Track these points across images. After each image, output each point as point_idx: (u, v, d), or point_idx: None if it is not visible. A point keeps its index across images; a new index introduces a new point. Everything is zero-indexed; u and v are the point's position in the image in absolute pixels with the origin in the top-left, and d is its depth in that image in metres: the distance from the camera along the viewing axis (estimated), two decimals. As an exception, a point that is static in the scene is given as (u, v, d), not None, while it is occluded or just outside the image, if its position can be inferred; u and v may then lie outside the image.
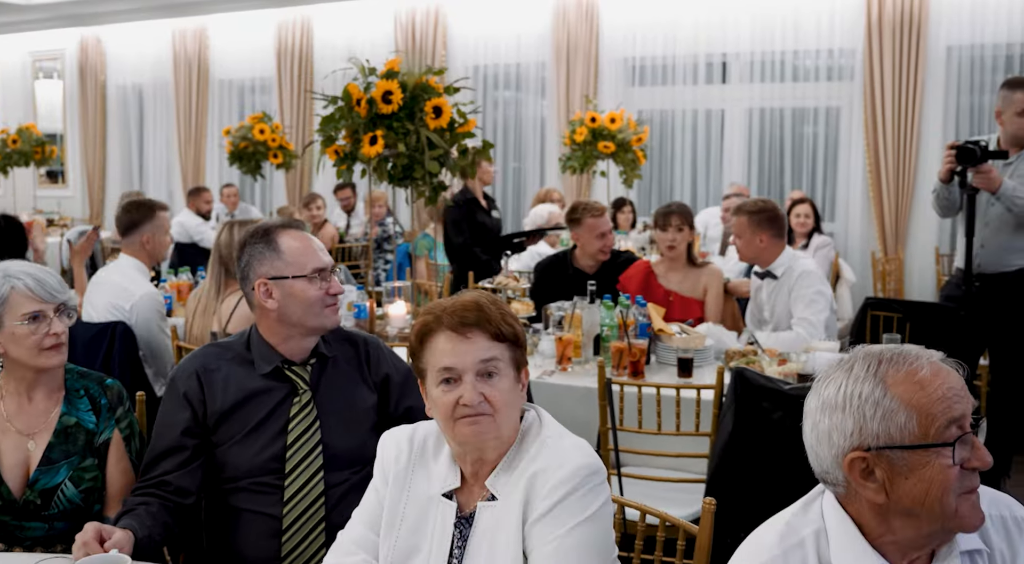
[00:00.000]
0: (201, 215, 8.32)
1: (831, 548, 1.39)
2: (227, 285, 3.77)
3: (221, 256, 3.69)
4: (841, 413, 1.34)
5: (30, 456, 2.23)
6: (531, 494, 1.64)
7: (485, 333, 1.69)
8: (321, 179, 9.99)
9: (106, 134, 12.36)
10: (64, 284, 2.29)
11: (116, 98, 12.30)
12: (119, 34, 12.16)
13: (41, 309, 2.20)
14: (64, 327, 2.23)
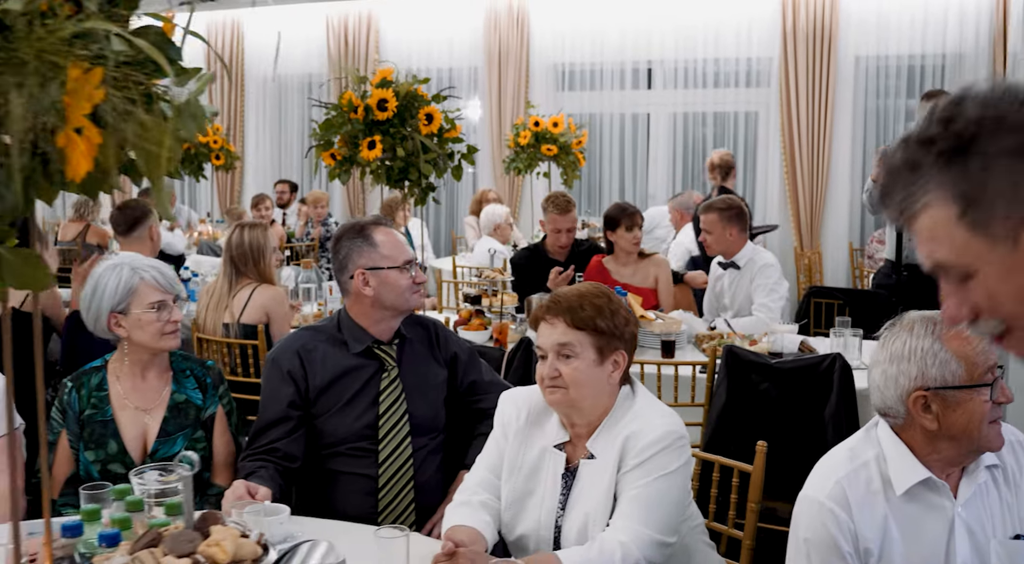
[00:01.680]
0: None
1: (889, 466, 1.81)
2: (239, 281, 4.02)
3: (232, 255, 3.95)
4: (907, 362, 1.75)
5: (147, 429, 2.49)
6: (624, 453, 2.02)
7: (565, 322, 2.06)
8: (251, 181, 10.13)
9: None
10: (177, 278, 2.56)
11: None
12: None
13: (163, 298, 2.47)
14: (180, 315, 2.50)
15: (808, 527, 1.79)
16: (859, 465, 1.83)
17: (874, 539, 1.77)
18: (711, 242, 4.73)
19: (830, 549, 1.76)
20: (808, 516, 1.81)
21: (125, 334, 2.48)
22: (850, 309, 4.95)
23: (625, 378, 2.11)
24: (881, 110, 8.85)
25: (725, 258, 4.76)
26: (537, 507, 2.08)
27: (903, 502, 1.79)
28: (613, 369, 2.06)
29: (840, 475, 1.81)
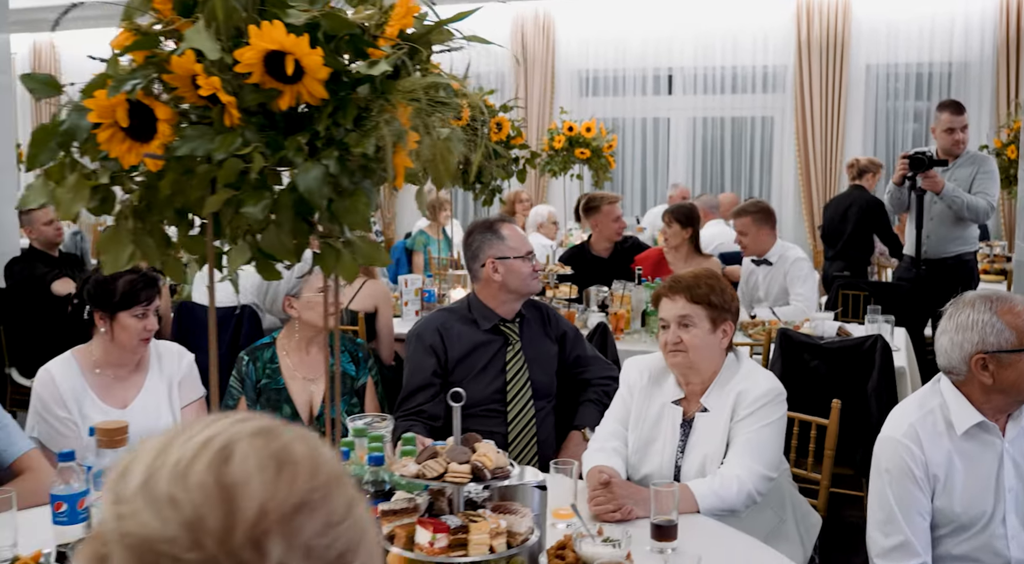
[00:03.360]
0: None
1: (951, 411, 2.27)
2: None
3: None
4: (970, 331, 2.22)
5: (313, 396, 2.97)
6: (736, 406, 2.50)
7: (685, 296, 2.54)
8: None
9: (61, 138, 12.56)
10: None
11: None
12: (74, 41, 12.38)
13: (329, 283, 2.93)
14: (341, 297, 2.97)
15: (888, 460, 2.27)
16: (927, 411, 2.30)
17: (940, 468, 2.24)
18: (747, 243, 5.21)
19: (906, 476, 2.23)
20: (888, 451, 2.28)
21: (296, 314, 2.95)
22: (875, 299, 5.44)
23: (729, 346, 2.58)
24: (891, 115, 9.35)
25: (758, 256, 5.25)
26: (659, 452, 2.56)
27: (962, 440, 2.26)
28: (723, 337, 2.54)
29: (913, 419, 2.29)
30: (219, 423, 0.80)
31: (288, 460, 0.78)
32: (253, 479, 0.75)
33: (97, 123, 1.52)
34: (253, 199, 1.46)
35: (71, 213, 1.57)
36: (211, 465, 0.76)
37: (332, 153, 1.47)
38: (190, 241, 1.66)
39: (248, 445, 0.78)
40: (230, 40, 1.48)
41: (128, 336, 2.75)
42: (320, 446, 0.82)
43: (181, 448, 0.78)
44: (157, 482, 0.76)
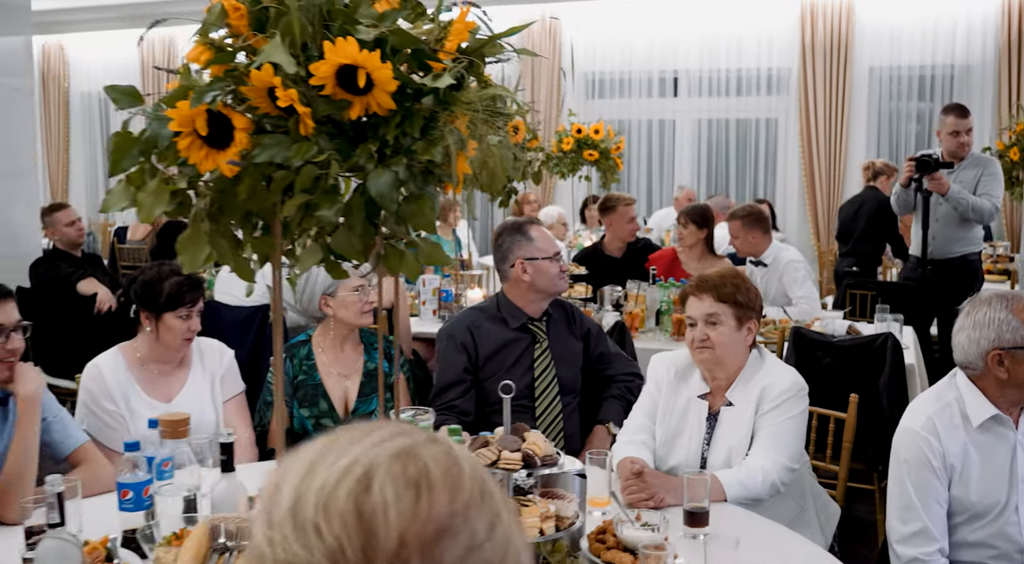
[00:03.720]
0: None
1: (967, 405, 2.38)
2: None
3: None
4: (987, 328, 2.33)
5: (348, 392, 3.07)
6: (761, 399, 2.60)
7: (711, 296, 2.65)
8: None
9: (69, 141, 12.67)
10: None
11: (80, 105, 12.62)
12: (82, 42, 12.49)
13: (362, 283, 3.05)
14: (375, 296, 3.08)
15: (907, 450, 2.38)
16: (944, 404, 2.41)
17: (957, 458, 2.35)
18: (739, 245, 5.34)
19: (924, 466, 2.34)
20: (906, 443, 2.39)
21: (332, 312, 3.06)
22: (882, 299, 5.55)
23: (753, 343, 2.69)
24: (894, 117, 9.46)
25: (754, 258, 5.36)
26: (685, 445, 2.66)
27: (977, 432, 2.37)
28: (747, 334, 2.65)
29: (930, 412, 2.40)
30: (362, 443, 0.80)
31: (427, 485, 0.77)
32: (392, 508, 0.75)
33: (177, 132, 1.63)
34: (327, 203, 1.57)
35: (152, 216, 1.68)
36: (351, 493, 0.76)
37: (401, 160, 1.58)
38: (258, 242, 1.77)
39: (386, 472, 0.78)
40: (304, 54, 1.59)
41: (172, 336, 2.86)
42: (461, 462, 0.81)
43: (326, 472, 0.79)
44: (304, 508, 0.77)
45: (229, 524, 1.80)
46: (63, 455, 2.52)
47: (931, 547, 2.30)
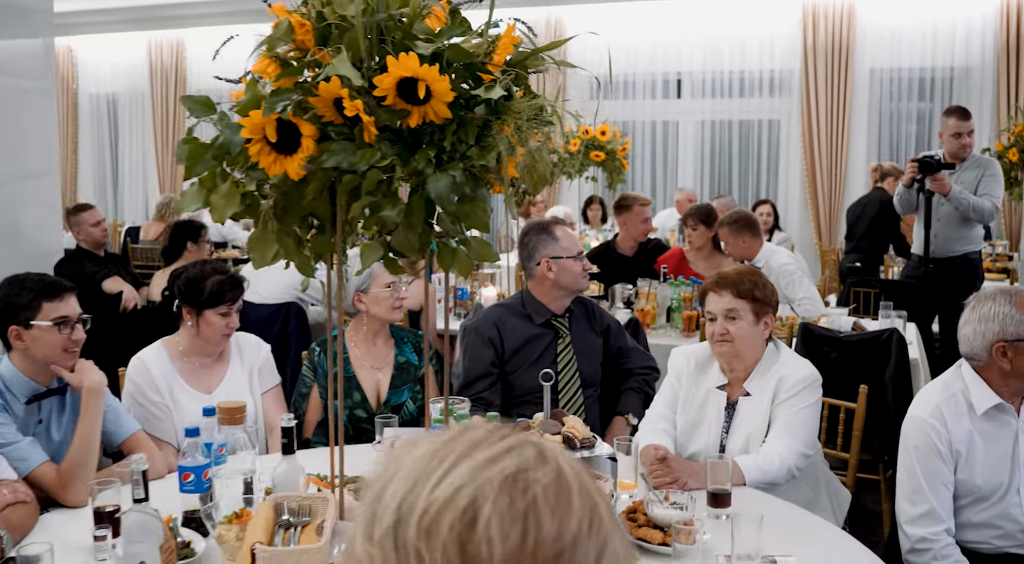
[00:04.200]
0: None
1: (971, 394, 2.52)
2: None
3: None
4: (992, 322, 2.47)
5: (380, 383, 3.21)
6: (777, 390, 2.75)
7: (731, 291, 2.79)
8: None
9: (78, 142, 12.79)
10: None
11: (88, 107, 12.74)
12: (91, 44, 12.61)
13: (394, 281, 3.19)
14: (406, 293, 3.22)
15: (915, 437, 2.52)
16: (950, 394, 2.56)
17: (962, 444, 2.50)
18: (730, 250, 5.48)
19: (932, 451, 2.49)
20: (915, 430, 2.53)
21: (364, 308, 3.20)
22: (885, 296, 5.70)
23: (769, 337, 2.84)
24: (894, 118, 9.61)
25: (748, 261, 5.51)
26: (705, 433, 2.81)
27: (982, 420, 2.51)
28: (764, 328, 2.79)
29: (937, 400, 2.54)
30: (469, 462, 0.77)
31: (535, 520, 0.74)
32: (497, 545, 0.72)
33: (248, 138, 1.77)
34: (390, 204, 1.71)
35: (224, 216, 1.82)
36: (455, 525, 0.73)
37: (457, 165, 1.73)
38: (316, 241, 1.91)
39: (493, 504, 0.74)
40: (368, 68, 1.73)
41: (212, 331, 3.00)
42: (571, 486, 0.77)
43: (430, 496, 0.76)
44: (406, 530, 0.75)
45: (291, 502, 1.94)
46: (117, 443, 2.66)
47: (938, 527, 2.45)
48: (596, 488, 0.79)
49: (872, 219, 7.01)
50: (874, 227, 7.06)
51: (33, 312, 2.48)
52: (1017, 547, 2.50)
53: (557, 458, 0.79)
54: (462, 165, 1.73)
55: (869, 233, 7.04)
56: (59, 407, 2.63)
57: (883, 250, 7.22)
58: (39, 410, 2.57)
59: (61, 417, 2.62)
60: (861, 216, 7.18)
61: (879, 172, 7.36)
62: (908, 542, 2.47)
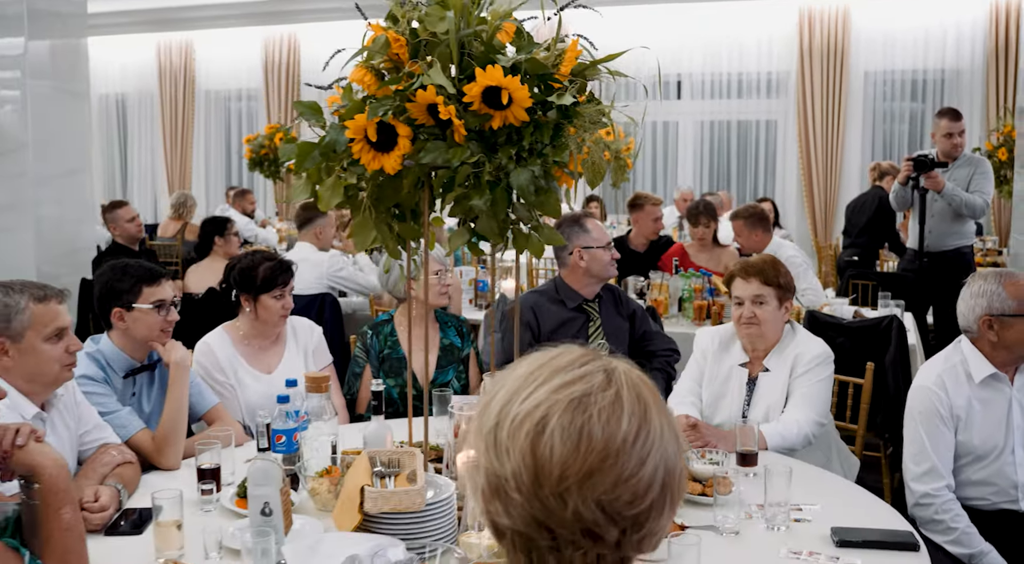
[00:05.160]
0: (246, 215, 9.37)
1: (969, 365, 2.82)
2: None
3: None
4: (981, 298, 2.77)
5: (428, 364, 3.49)
6: (795, 365, 3.04)
7: (758, 279, 3.08)
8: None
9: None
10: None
11: (98, 107, 12.95)
12: (101, 45, 12.81)
13: (440, 268, 3.47)
14: (449, 280, 3.51)
15: (920, 403, 2.81)
16: (951, 365, 2.85)
17: (962, 410, 2.79)
18: (742, 243, 5.79)
19: (935, 415, 2.78)
20: (919, 397, 2.83)
21: (414, 293, 3.48)
22: (883, 288, 6.01)
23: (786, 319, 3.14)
24: (887, 118, 9.96)
25: (757, 254, 5.81)
26: (728, 406, 3.11)
27: (979, 388, 2.81)
28: (785, 312, 3.09)
29: (939, 371, 2.84)
30: (549, 385, 1.04)
31: (587, 434, 1.00)
32: (556, 450, 1.00)
33: (351, 138, 2.06)
34: (478, 195, 2.00)
35: (330, 205, 2.10)
36: (529, 434, 1.01)
37: (536, 161, 2.02)
38: (404, 228, 2.20)
39: (558, 420, 1.01)
40: (457, 78, 2.02)
41: (269, 314, 3.28)
42: (623, 407, 1.02)
43: (518, 407, 1.03)
44: (501, 431, 1.03)
45: (382, 456, 2.23)
46: (199, 414, 2.94)
47: (939, 483, 2.74)
48: (654, 409, 1.05)
49: (870, 216, 7.34)
50: (871, 224, 7.38)
51: (134, 296, 2.76)
52: (1010, 503, 2.79)
53: (621, 384, 1.05)
54: (539, 161, 2.02)
55: (867, 229, 7.36)
56: (148, 381, 2.91)
57: (879, 246, 7.54)
58: (133, 384, 2.85)
59: (150, 390, 2.90)
60: (859, 213, 7.50)
61: (878, 171, 7.69)
62: (913, 497, 2.76)
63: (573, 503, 1.00)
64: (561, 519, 1.02)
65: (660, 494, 1.05)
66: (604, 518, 1.02)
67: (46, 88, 5.98)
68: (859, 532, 2.18)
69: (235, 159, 12.60)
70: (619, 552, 1.05)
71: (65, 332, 2.36)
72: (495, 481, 1.05)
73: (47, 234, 5.88)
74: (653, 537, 1.07)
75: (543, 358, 1.11)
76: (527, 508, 1.03)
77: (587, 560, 1.04)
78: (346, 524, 2.06)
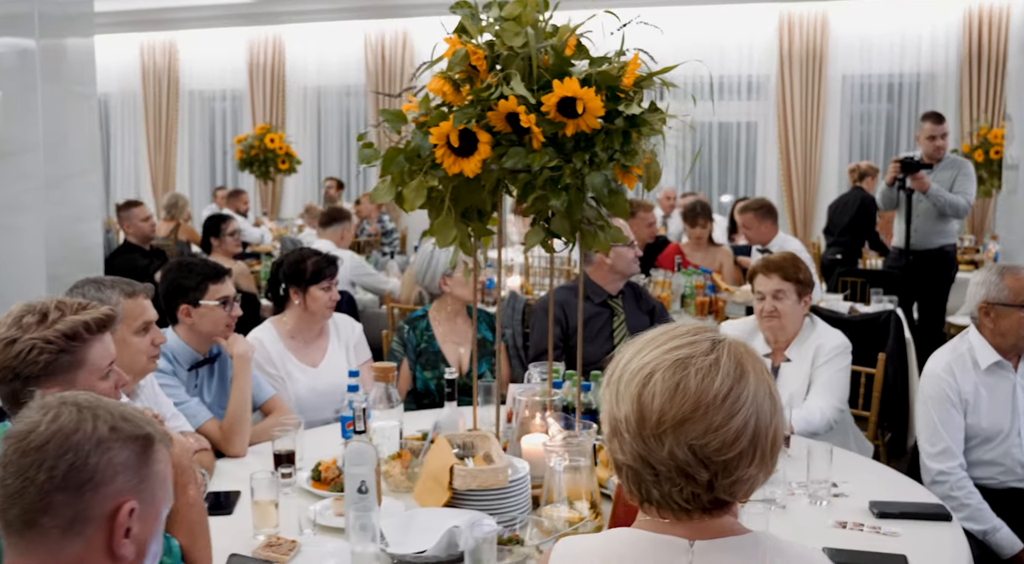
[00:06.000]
0: (240, 214, 9.45)
1: (976, 353, 3.04)
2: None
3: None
4: (982, 286, 3.00)
5: (462, 357, 3.67)
6: (816, 355, 3.25)
7: (779, 275, 3.29)
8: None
9: (69, 140, 12.97)
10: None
11: (80, 106, 12.91)
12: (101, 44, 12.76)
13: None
14: (480, 277, 3.68)
15: (931, 389, 3.03)
16: (958, 354, 3.08)
17: (970, 395, 3.02)
18: (751, 235, 6.02)
19: (945, 399, 3.00)
20: (930, 383, 3.05)
21: (449, 290, 3.66)
22: (871, 284, 6.27)
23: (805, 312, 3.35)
24: (864, 121, 10.28)
25: (762, 246, 6.06)
26: (752, 393, 3.31)
27: (985, 374, 3.04)
28: (804, 306, 3.30)
29: (948, 359, 3.07)
30: (661, 348, 1.29)
31: (683, 389, 1.24)
32: (656, 399, 1.24)
33: (434, 144, 2.22)
34: (555, 196, 2.18)
35: (415, 206, 2.27)
36: (638, 384, 1.26)
37: (608, 165, 2.20)
38: (477, 227, 2.38)
39: (661, 375, 1.25)
40: (534, 88, 2.20)
41: (318, 305, 3.43)
42: (718, 371, 1.24)
43: (636, 363, 1.29)
44: (621, 381, 1.30)
45: (457, 439, 2.40)
46: (257, 404, 3.09)
47: (953, 462, 2.96)
48: (752, 375, 1.28)
49: (852, 216, 7.61)
50: (853, 223, 7.66)
51: (201, 293, 2.90)
52: (1018, 481, 3.02)
53: (723, 352, 1.28)
54: (611, 165, 2.20)
55: (849, 229, 7.63)
56: (209, 374, 3.05)
57: (861, 244, 7.82)
58: (196, 376, 3.00)
59: (211, 382, 3.05)
60: (841, 213, 7.77)
61: (857, 172, 7.98)
62: (929, 475, 2.98)
63: (668, 445, 1.23)
64: (659, 458, 1.24)
65: (749, 446, 1.25)
66: (695, 460, 1.23)
67: (57, 90, 6.04)
68: (896, 505, 2.39)
69: (219, 159, 12.66)
70: (712, 493, 1.26)
71: (151, 325, 2.51)
72: (614, 423, 1.30)
73: (57, 234, 5.94)
74: (744, 484, 1.28)
75: (666, 328, 1.36)
76: (634, 446, 1.27)
77: (683, 496, 1.26)
78: (431, 501, 2.23)
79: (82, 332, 1.85)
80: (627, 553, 1.31)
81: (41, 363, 1.80)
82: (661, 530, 1.30)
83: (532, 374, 3.02)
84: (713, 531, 1.30)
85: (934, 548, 2.17)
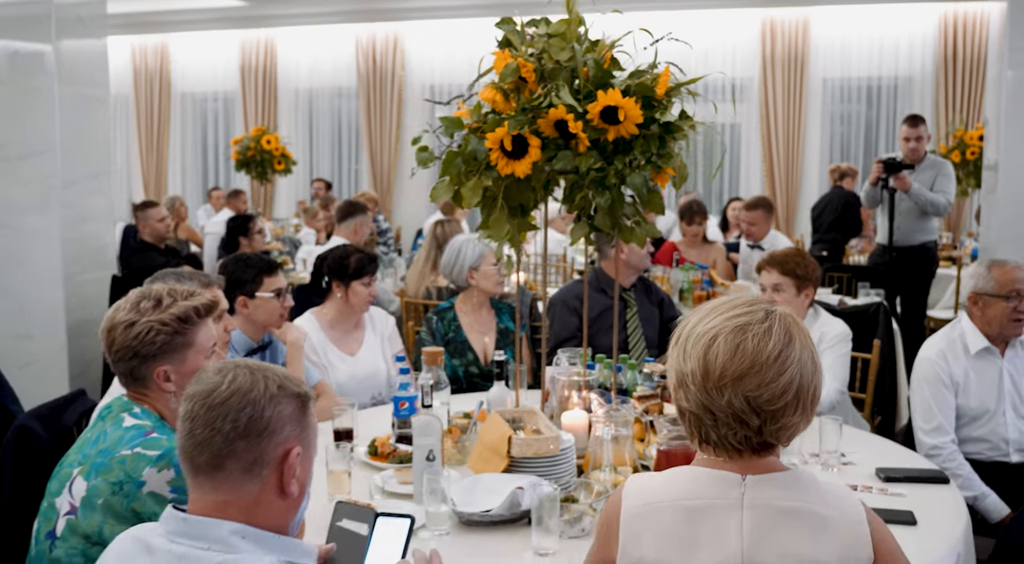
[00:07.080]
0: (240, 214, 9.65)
1: (967, 338, 3.33)
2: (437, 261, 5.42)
3: (438, 244, 5.35)
4: (971, 278, 3.29)
5: (487, 346, 3.92)
6: (819, 342, 3.53)
7: (777, 269, 3.57)
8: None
9: (61, 141, 13.07)
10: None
11: (72, 108, 13.03)
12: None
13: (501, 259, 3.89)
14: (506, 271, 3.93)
15: (925, 371, 3.31)
16: (950, 340, 3.37)
17: (960, 377, 3.31)
18: (756, 231, 6.32)
19: (937, 381, 3.29)
20: (924, 367, 3.33)
21: (475, 282, 3.91)
22: (856, 279, 6.58)
23: (810, 303, 3.63)
24: (844, 122, 10.63)
25: (756, 241, 6.36)
26: (760, 378, 3.59)
27: (974, 359, 3.33)
28: (805, 298, 3.57)
29: (941, 345, 3.35)
30: (724, 315, 1.54)
31: (741, 350, 1.49)
32: (719, 358, 1.50)
33: (489, 148, 2.48)
34: (601, 195, 2.44)
35: (471, 204, 2.52)
36: (704, 345, 1.52)
37: (646, 167, 2.46)
38: (522, 223, 2.63)
39: (724, 338, 1.50)
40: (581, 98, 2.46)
41: (358, 299, 3.67)
42: (771, 337, 1.50)
43: (701, 328, 1.54)
44: (688, 342, 1.55)
45: (506, 414, 2.66)
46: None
47: (945, 438, 3.25)
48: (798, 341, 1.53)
49: (835, 214, 7.95)
50: (837, 221, 7.99)
51: (257, 285, 3.14)
52: (1003, 456, 3.32)
53: (775, 321, 1.54)
54: (649, 167, 2.47)
55: (833, 227, 7.97)
56: (260, 358, 3.29)
57: (845, 241, 8.15)
58: (251, 362, 3.23)
59: (264, 367, 3.28)
60: (825, 212, 8.11)
61: (838, 172, 8.33)
62: (923, 450, 3.27)
63: (728, 395, 1.49)
64: (719, 406, 1.50)
65: (794, 398, 1.51)
66: (749, 409, 1.49)
67: (72, 92, 6.23)
68: (900, 470, 2.67)
69: (211, 161, 12.82)
70: (761, 437, 1.53)
71: (224, 314, 2.74)
72: (680, 376, 1.56)
73: (73, 234, 6.14)
74: (788, 430, 1.55)
75: (724, 300, 1.62)
76: (698, 396, 1.52)
77: (737, 438, 1.53)
78: (489, 469, 2.48)
79: (192, 316, 2.08)
80: (690, 486, 1.58)
81: (158, 343, 2.03)
82: (718, 466, 1.58)
83: (560, 359, 3.28)
84: (761, 468, 1.57)
85: (937, 505, 2.45)
